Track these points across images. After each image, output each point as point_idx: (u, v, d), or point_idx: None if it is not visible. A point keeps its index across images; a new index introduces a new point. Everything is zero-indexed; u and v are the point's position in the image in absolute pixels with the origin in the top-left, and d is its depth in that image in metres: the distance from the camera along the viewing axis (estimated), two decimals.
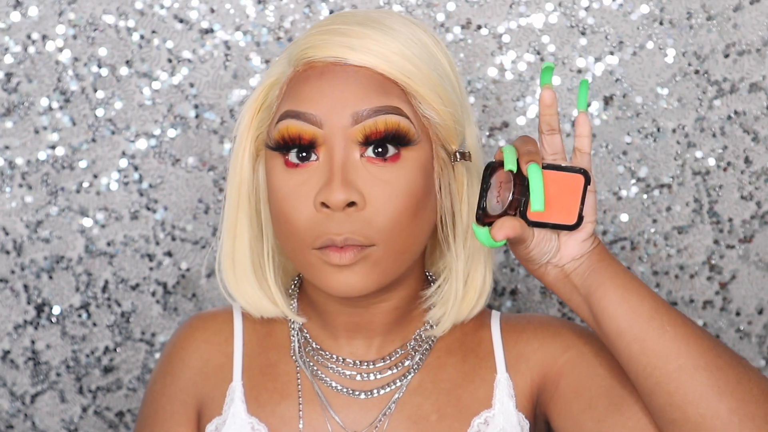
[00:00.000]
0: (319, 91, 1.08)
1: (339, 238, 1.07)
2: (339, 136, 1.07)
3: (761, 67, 1.57)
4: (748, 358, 1.63)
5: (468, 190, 1.15)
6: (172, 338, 1.25)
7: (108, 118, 1.58)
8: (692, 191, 1.60)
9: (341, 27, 1.10)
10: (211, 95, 1.58)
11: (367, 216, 1.07)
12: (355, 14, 1.14)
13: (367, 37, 1.08)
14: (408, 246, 1.10)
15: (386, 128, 1.07)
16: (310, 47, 1.10)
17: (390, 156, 1.08)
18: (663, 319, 1.06)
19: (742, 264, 1.61)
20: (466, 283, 1.18)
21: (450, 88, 1.12)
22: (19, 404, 1.63)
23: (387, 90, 1.08)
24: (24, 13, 1.56)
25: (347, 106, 1.07)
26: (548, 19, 1.57)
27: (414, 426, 1.16)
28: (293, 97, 1.09)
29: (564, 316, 1.62)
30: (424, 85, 1.09)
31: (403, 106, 1.08)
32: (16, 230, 1.60)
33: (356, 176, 1.07)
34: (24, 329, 1.62)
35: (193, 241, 1.60)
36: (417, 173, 1.09)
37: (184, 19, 1.57)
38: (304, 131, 1.08)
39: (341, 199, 1.06)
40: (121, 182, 1.59)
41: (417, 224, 1.10)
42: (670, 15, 1.57)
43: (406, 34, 1.10)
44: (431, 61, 1.11)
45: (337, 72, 1.08)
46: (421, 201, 1.10)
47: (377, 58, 1.08)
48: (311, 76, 1.09)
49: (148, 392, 1.24)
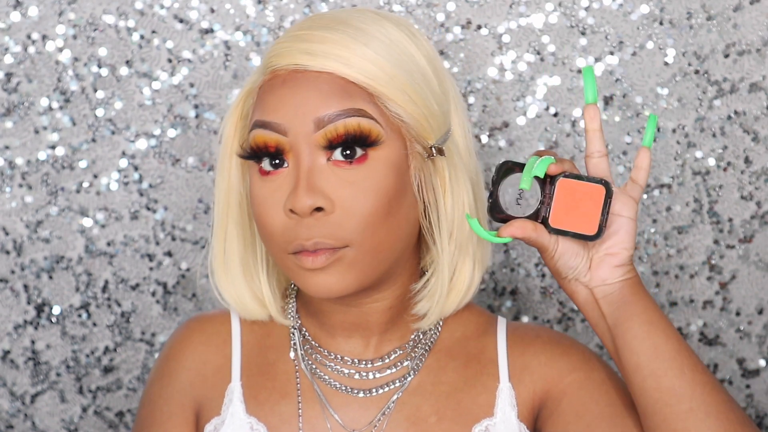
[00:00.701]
0: (281, 100, 1.09)
1: (309, 243, 1.08)
2: (303, 143, 1.08)
3: (761, 67, 1.57)
4: (748, 358, 1.63)
5: (451, 183, 1.14)
6: (169, 341, 1.25)
7: (108, 118, 1.58)
8: (692, 191, 1.60)
9: (305, 33, 1.10)
10: (211, 95, 1.58)
11: (336, 219, 1.08)
12: (323, 17, 1.14)
13: (328, 41, 1.09)
14: (384, 245, 1.10)
15: (346, 131, 1.08)
16: (274, 55, 1.11)
17: (357, 158, 1.09)
18: (684, 362, 1.06)
19: (742, 264, 1.61)
20: (453, 277, 1.17)
21: (423, 83, 1.12)
22: (19, 404, 1.63)
23: (350, 93, 1.08)
24: (24, 13, 1.56)
25: (308, 112, 1.08)
26: (548, 19, 1.57)
27: (413, 427, 1.16)
28: (260, 106, 1.11)
29: (564, 316, 1.62)
30: (389, 85, 1.09)
31: (367, 107, 1.08)
32: (16, 230, 1.60)
33: (323, 181, 1.08)
34: (24, 329, 1.62)
35: (193, 241, 1.60)
36: (386, 171, 1.09)
37: (184, 19, 1.57)
38: (270, 140, 1.09)
39: (306, 205, 1.07)
40: (121, 182, 1.59)
41: (391, 223, 1.10)
42: (670, 15, 1.57)
43: (374, 34, 1.10)
44: (400, 59, 1.10)
45: (299, 79, 1.09)
46: (393, 199, 1.10)
47: (337, 62, 1.08)
48: (275, 84, 1.10)
49: (146, 394, 1.24)
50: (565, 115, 1.58)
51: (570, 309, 1.62)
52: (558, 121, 1.58)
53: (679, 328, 1.63)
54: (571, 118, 1.58)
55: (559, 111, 1.58)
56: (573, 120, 1.58)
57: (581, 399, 1.15)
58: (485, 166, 1.59)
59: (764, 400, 1.64)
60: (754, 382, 1.64)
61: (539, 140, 1.58)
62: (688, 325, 1.62)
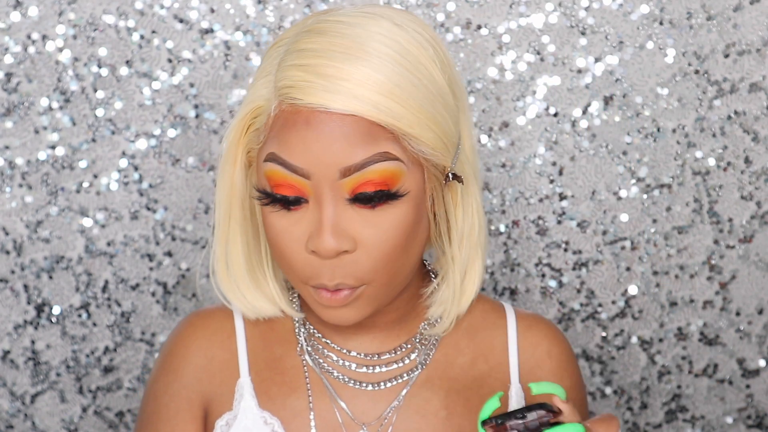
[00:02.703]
0: (304, 143, 1.05)
1: (331, 283, 1.08)
2: (327, 188, 1.06)
3: (761, 67, 1.57)
4: (748, 358, 1.63)
5: (462, 196, 1.14)
6: (171, 336, 1.24)
7: (108, 118, 1.58)
8: (692, 191, 1.60)
9: (323, 63, 1.05)
10: (211, 95, 1.58)
11: (357, 258, 1.07)
12: (336, 33, 1.08)
13: (351, 78, 1.04)
14: (401, 275, 1.11)
15: (372, 182, 1.06)
16: (293, 87, 1.06)
17: (376, 203, 1.08)
18: None
19: (742, 264, 1.61)
20: (464, 280, 1.17)
21: (442, 107, 1.10)
22: (19, 404, 1.62)
23: (375, 136, 1.05)
24: (24, 13, 1.56)
25: (335, 161, 1.05)
26: (548, 19, 1.57)
27: (423, 420, 1.16)
28: (279, 141, 1.07)
29: (564, 316, 1.62)
30: (414, 125, 1.06)
31: (392, 149, 1.06)
32: (16, 230, 1.59)
33: (346, 220, 1.07)
34: (24, 329, 1.62)
35: (193, 241, 1.60)
36: (408, 209, 1.09)
37: (184, 19, 1.57)
38: (290, 179, 1.07)
39: (331, 248, 1.06)
40: (121, 182, 1.59)
41: (409, 254, 1.11)
42: (670, 15, 1.57)
43: (394, 58, 1.06)
44: (422, 85, 1.07)
45: (323, 121, 1.05)
46: (412, 232, 1.10)
47: (363, 103, 1.04)
48: (297, 122, 1.06)
49: (149, 391, 1.23)
50: (565, 115, 1.58)
51: (570, 309, 1.62)
52: (558, 121, 1.58)
53: (679, 328, 1.63)
54: (571, 118, 1.58)
55: (559, 111, 1.58)
56: (573, 120, 1.58)
57: None
58: (485, 166, 1.59)
59: (764, 400, 1.64)
60: (754, 382, 1.64)
61: (539, 140, 1.58)
62: (688, 325, 1.63)
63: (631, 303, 1.62)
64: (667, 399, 1.64)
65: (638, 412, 1.65)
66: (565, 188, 1.60)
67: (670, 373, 1.64)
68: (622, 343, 1.63)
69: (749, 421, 1.65)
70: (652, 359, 1.63)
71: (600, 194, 1.60)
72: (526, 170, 1.59)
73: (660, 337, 1.63)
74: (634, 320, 1.62)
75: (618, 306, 1.62)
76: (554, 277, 1.62)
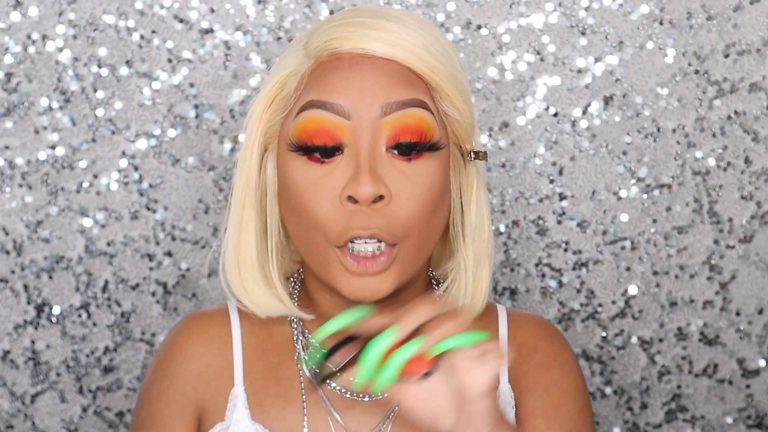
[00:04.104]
0: (346, 82, 1.06)
1: (366, 233, 1.06)
2: (367, 129, 1.06)
3: (761, 67, 1.57)
4: (748, 358, 1.63)
5: (476, 191, 1.14)
6: (167, 340, 1.22)
7: (108, 118, 1.58)
8: (692, 191, 1.60)
9: (366, 20, 1.09)
10: (211, 95, 1.58)
11: (392, 211, 1.06)
12: (374, 9, 1.13)
13: (393, 31, 1.08)
14: (427, 243, 1.10)
15: (411, 125, 1.07)
16: (335, 38, 1.08)
17: (414, 155, 1.08)
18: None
19: (742, 264, 1.61)
20: (475, 280, 1.16)
21: (466, 83, 1.13)
22: (19, 404, 1.62)
23: (413, 83, 1.08)
24: (24, 13, 1.56)
25: (376, 97, 1.06)
26: (548, 19, 1.57)
27: (418, 430, 1.11)
28: (319, 87, 1.08)
29: (564, 316, 1.62)
30: (447, 81, 1.09)
31: (428, 101, 1.08)
32: (16, 230, 1.60)
33: (382, 170, 1.07)
34: (24, 329, 1.62)
35: (193, 241, 1.60)
36: (438, 170, 1.09)
37: (184, 19, 1.57)
38: (328, 122, 1.07)
39: (370, 192, 1.05)
40: (121, 182, 1.59)
41: (435, 221, 1.10)
42: (670, 15, 1.57)
43: (428, 31, 1.10)
44: (451, 60, 1.11)
45: (366, 63, 1.07)
46: (440, 198, 1.10)
47: (405, 51, 1.07)
48: (338, 66, 1.07)
49: (144, 396, 1.21)
50: (565, 115, 1.58)
51: (570, 309, 1.62)
52: (558, 121, 1.58)
53: (679, 328, 1.63)
54: (571, 118, 1.58)
55: (559, 111, 1.58)
56: (573, 120, 1.58)
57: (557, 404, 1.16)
58: (485, 166, 1.59)
59: (764, 400, 1.64)
60: (754, 382, 1.64)
61: (539, 140, 1.58)
62: (688, 325, 1.63)
63: (631, 303, 1.62)
64: (667, 399, 1.64)
65: (638, 412, 1.65)
66: (565, 188, 1.60)
67: (670, 373, 1.64)
68: (622, 343, 1.63)
69: (749, 421, 1.65)
70: (652, 359, 1.63)
71: (600, 194, 1.60)
72: (526, 170, 1.59)
73: (660, 337, 1.63)
74: (634, 320, 1.62)
75: (618, 306, 1.62)
76: (554, 277, 1.62)
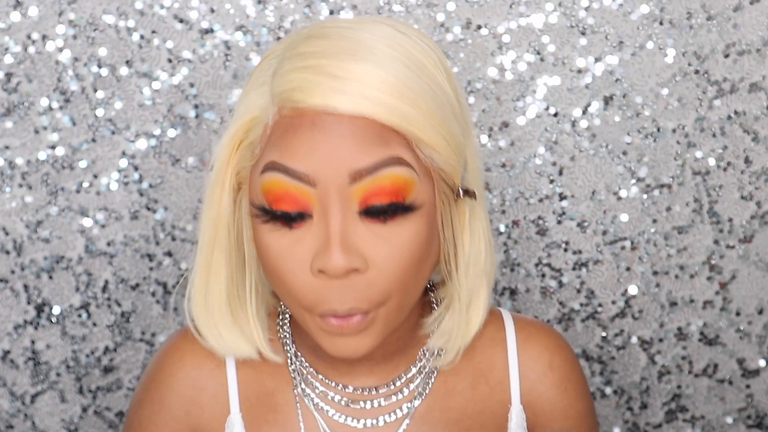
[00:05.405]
0: (309, 146, 0.95)
1: (342, 308, 0.97)
2: (335, 196, 0.95)
3: (761, 67, 1.57)
4: (748, 358, 1.63)
5: (470, 219, 1.06)
6: (157, 359, 1.15)
7: (108, 118, 1.58)
8: (692, 191, 1.60)
9: (329, 63, 0.95)
10: (211, 95, 1.58)
11: (370, 279, 0.97)
12: (339, 35, 0.99)
13: (360, 78, 0.95)
14: (412, 298, 1.02)
15: (384, 189, 0.97)
16: (296, 89, 0.96)
17: (389, 217, 0.97)
18: None
19: (742, 264, 1.61)
20: (469, 309, 1.09)
21: (451, 116, 1.01)
22: (19, 404, 1.63)
23: (386, 139, 0.96)
24: (24, 13, 1.56)
25: (343, 163, 0.94)
26: (548, 19, 1.57)
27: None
28: (281, 147, 0.96)
29: (564, 316, 1.62)
30: (427, 129, 0.97)
31: (403, 154, 0.97)
32: (16, 230, 1.60)
33: (356, 236, 0.96)
34: (24, 329, 1.62)
35: (193, 241, 1.60)
36: (419, 226, 0.99)
37: (184, 19, 1.57)
38: (293, 189, 0.96)
39: (341, 266, 0.95)
40: (121, 182, 1.59)
41: (421, 274, 1.01)
42: (670, 15, 1.57)
43: (402, 61, 0.97)
44: (431, 90, 0.99)
45: (331, 122, 0.95)
46: (425, 250, 1.00)
47: (374, 104, 0.95)
48: (301, 125, 0.96)
49: (133, 417, 1.15)
50: (565, 115, 1.58)
51: (570, 309, 1.62)
52: (558, 121, 1.58)
53: (679, 328, 1.63)
54: (571, 118, 1.58)
55: (559, 111, 1.58)
56: (573, 120, 1.58)
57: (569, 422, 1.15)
58: (485, 166, 1.59)
59: (764, 400, 1.64)
60: (754, 382, 1.64)
61: (539, 140, 1.59)
62: (688, 325, 1.63)
63: (631, 303, 1.62)
64: (667, 399, 1.64)
65: (638, 412, 1.65)
66: (565, 188, 1.60)
67: (670, 373, 1.64)
68: (622, 343, 1.63)
69: (749, 421, 1.65)
70: (652, 359, 1.63)
71: (600, 194, 1.60)
72: (526, 170, 1.59)
73: (660, 337, 1.63)
74: (634, 320, 1.62)
75: (618, 306, 1.62)
76: (554, 277, 1.62)
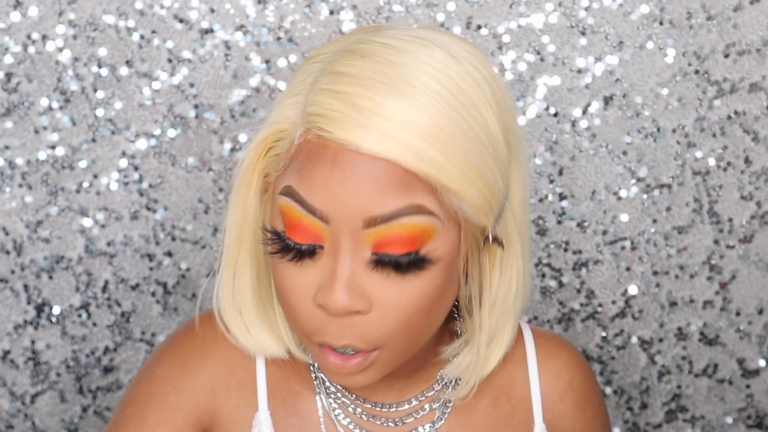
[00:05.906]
0: (327, 184, 0.91)
1: (338, 344, 0.95)
2: (347, 236, 0.92)
3: (761, 67, 1.57)
4: (748, 358, 1.63)
5: (501, 259, 0.99)
6: (191, 329, 1.09)
7: (108, 118, 1.58)
8: (692, 191, 1.60)
9: (361, 93, 0.90)
10: (211, 95, 1.58)
11: (371, 319, 0.94)
12: (381, 59, 0.92)
13: (391, 116, 0.89)
14: (419, 341, 0.98)
15: (404, 236, 0.91)
16: (323, 117, 0.91)
17: (403, 269, 0.93)
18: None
19: (742, 264, 1.61)
20: (489, 346, 1.04)
21: (491, 161, 0.94)
22: (19, 404, 1.63)
23: (409, 186, 0.90)
24: (24, 13, 1.56)
25: (360, 208, 0.90)
26: (548, 19, 1.57)
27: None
28: (300, 174, 0.93)
29: (564, 316, 1.62)
30: (457, 179, 0.91)
31: (426, 201, 0.91)
32: (16, 230, 1.60)
33: (364, 277, 0.93)
34: (24, 329, 1.62)
35: (193, 241, 1.60)
36: (436, 274, 0.94)
37: (184, 19, 1.57)
38: (306, 221, 0.93)
39: (342, 306, 0.92)
40: (121, 182, 1.59)
41: (432, 319, 0.97)
42: (670, 15, 1.57)
43: (443, 96, 0.91)
44: (471, 132, 0.92)
45: (352, 161, 0.90)
46: (439, 298, 0.96)
47: (401, 147, 0.89)
48: (322, 158, 0.91)
49: (145, 374, 1.08)
50: (565, 115, 1.58)
51: (570, 309, 1.62)
52: (558, 121, 1.58)
53: (679, 328, 1.63)
54: (571, 118, 1.58)
55: (559, 111, 1.58)
56: (573, 120, 1.58)
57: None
58: None
59: (764, 400, 1.64)
60: (754, 382, 1.64)
61: (539, 140, 1.59)
62: (688, 325, 1.63)
63: (631, 303, 1.62)
64: (667, 399, 1.64)
65: (638, 412, 1.65)
66: (565, 188, 1.60)
67: (670, 373, 1.64)
68: (622, 343, 1.63)
69: (749, 421, 1.65)
70: (652, 359, 1.63)
71: (600, 194, 1.60)
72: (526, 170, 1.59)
73: (660, 337, 1.63)
74: (634, 320, 1.62)
75: (618, 306, 1.62)
76: (554, 277, 1.62)
